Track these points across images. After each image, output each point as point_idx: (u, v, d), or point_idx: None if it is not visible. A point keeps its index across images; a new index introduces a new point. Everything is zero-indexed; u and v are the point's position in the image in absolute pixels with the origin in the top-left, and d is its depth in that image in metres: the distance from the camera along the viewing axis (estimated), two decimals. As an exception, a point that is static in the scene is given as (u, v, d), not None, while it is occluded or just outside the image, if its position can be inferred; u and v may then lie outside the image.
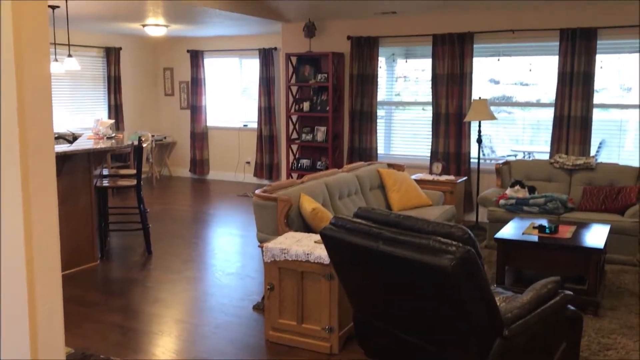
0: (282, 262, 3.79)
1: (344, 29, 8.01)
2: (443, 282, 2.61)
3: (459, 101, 7.28)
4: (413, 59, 7.98)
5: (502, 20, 6.98)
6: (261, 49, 9.46)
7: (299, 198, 4.51)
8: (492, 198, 6.08)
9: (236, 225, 7.22)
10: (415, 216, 3.03)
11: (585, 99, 6.57)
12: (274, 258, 3.81)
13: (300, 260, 3.73)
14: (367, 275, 3.07)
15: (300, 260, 3.73)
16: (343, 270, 3.22)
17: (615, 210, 5.64)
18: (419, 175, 7.07)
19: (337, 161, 8.22)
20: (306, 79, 8.22)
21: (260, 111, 9.61)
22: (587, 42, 6.49)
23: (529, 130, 7.90)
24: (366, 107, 7.93)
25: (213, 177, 10.46)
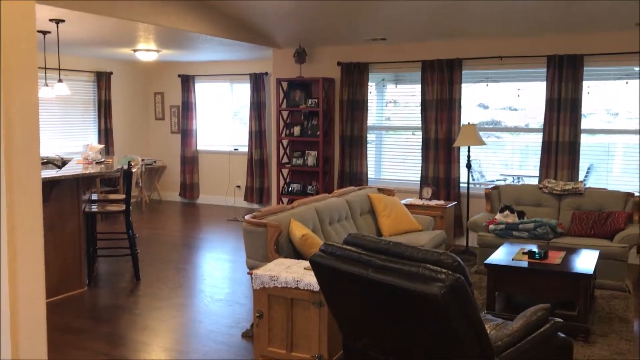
0: (271, 289, 3.76)
1: (334, 55, 8.09)
2: (433, 310, 2.60)
3: (448, 126, 7.33)
4: (403, 84, 8.05)
5: (490, 47, 7.07)
6: (252, 73, 9.51)
7: (289, 224, 4.49)
8: (481, 223, 6.09)
9: (226, 250, 7.17)
10: (405, 243, 3.02)
11: (572, 124, 6.64)
12: (263, 285, 3.78)
13: (290, 287, 3.70)
14: (357, 302, 3.05)
15: (289, 287, 3.70)
16: (333, 298, 3.20)
17: (604, 235, 5.66)
18: (409, 200, 7.08)
19: (328, 186, 8.23)
20: (297, 104, 8.26)
21: (251, 135, 9.63)
22: (573, 69, 6.58)
23: (518, 154, 7.96)
24: (356, 132, 7.96)
25: (203, 201, 10.43)
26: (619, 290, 5.34)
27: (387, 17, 6.82)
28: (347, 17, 6.94)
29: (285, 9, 6.82)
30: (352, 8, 6.67)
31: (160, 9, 6.13)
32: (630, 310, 4.90)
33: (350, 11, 6.76)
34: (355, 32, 7.44)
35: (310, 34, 7.71)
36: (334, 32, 7.56)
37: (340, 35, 7.61)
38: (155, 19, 6.09)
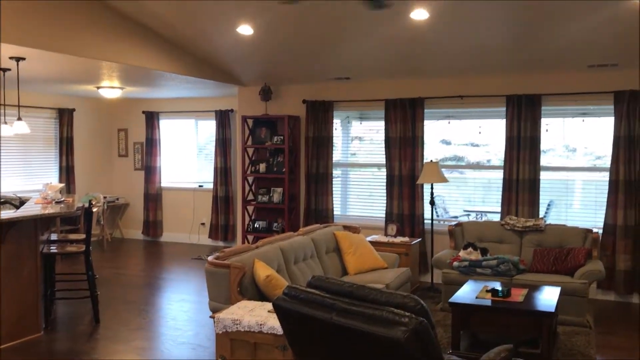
0: (234, 333, 3.70)
1: (299, 93, 8.16)
2: (397, 354, 2.58)
3: (411, 163, 7.42)
4: (367, 121, 8.15)
5: (451, 87, 7.24)
6: (218, 110, 9.52)
7: (253, 264, 4.44)
8: (446, 260, 6.13)
9: (189, 291, 7.04)
10: (368, 286, 3.02)
11: (532, 162, 6.80)
12: (225, 329, 3.71)
13: (253, 331, 3.64)
14: (322, 346, 3.01)
15: (253, 331, 3.64)
16: (297, 342, 3.15)
17: (565, 271, 5.75)
18: (375, 237, 7.10)
19: (294, 223, 8.20)
20: (262, 141, 8.27)
21: (216, 172, 9.57)
22: (532, 108, 6.77)
23: (480, 190, 8.09)
24: (322, 169, 8.00)
25: (166, 239, 10.26)
26: (580, 326, 5.41)
27: (350, 57, 6.95)
28: (311, 56, 7.05)
29: (251, 48, 6.89)
30: (316, 48, 6.78)
31: (125, 47, 6.12)
32: (592, 346, 4.96)
33: (314, 51, 6.87)
34: (319, 71, 7.55)
35: (276, 72, 7.78)
36: (299, 71, 7.65)
37: (306, 73, 7.71)
38: (119, 58, 6.07)
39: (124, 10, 5.99)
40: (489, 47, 6.23)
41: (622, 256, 6.37)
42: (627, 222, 6.35)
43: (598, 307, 6.28)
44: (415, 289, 6.78)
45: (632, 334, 5.40)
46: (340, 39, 6.44)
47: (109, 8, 5.87)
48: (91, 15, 5.69)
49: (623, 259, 6.36)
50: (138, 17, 6.15)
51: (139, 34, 6.31)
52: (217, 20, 6.21)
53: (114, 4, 5.85)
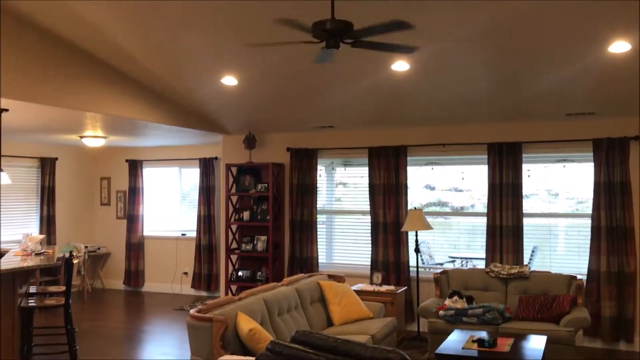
0: (216, 389, 3.59)
1: (283, 141, 8.21)
2: (382, 413, 2.53)
3: (395, 210, 7.43)
4: (351, 167, 8.18)
5: (433, 135, 7.34)
6: (201, 158, 9.53)
7: (236, 317, 4.36)
8: (431, 309, 6.08)
9: (171, 344, 6.88)
10: (353, 340, 2.98)
11: (515, 208, 6.84)
12: (208, 386, 3.61)
13: (236, 387, 3.54)
14: (305, 404, 2.94)
15: (235, 387, 3.54)
16: (280, 399, 3.07)
17: (550, 319, 5.73)
18: (360, 286, 7.04)
19: (278, 271, 8.12)
20: (246, 189, 8.26)
21: (199, 220, 9.51)
22: (513, 155, 6.86)
23: (465, 235, 8.11)
24: (306, 216, 7.98)
25: (148, 289, 10.08)
26: (568, 375, 5.35)
27: (333, 106, 7.04)
28: (295, 105, 7.13)
29: (235, 97, 6.96)
30: (300, 97, 6.87)
31: (109, 98, 6.15)
32: (581, 396, 4.90)
33: (298, 100, 6.95)
34: (303, 120, 7.62)
35: (260, 120, 7.85)
36: (283, 120, 7.72)
37: (289, 122, 7.78)
38: (104, 109, 6.09)
39: (107, 61, 6.04)
40: (469, 96, 6.35)
41: (607, 303, 6.36)
42: (611, 269, 6.37)
43: (585, 354, 6.24)
44: (401, 338, 6.69)
45: (620, 382, 5.36)
46: (323, 89, 6.53)
47: (93, 59, 5.92)
48: (75, 66, 5.73)
49: (608, 305, 6.36)
50: (122, 68, 6.21)
51: (123, 84, 6.35)
52: (201, 71, 6.29)
53: (98, 55, 5.90)
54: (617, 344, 6.46)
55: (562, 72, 5.52)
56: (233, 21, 5.01)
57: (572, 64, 5.34)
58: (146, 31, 5.41)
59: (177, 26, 5.25)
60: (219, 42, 5.49)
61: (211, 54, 5.84)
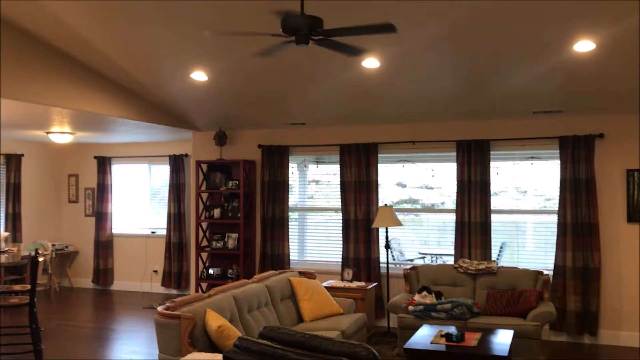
0: (184, 387, 3.57)
1: (254, 138, 8.18)
2: (349, 407, 2.54)
3: (366, 207, 7.47)
4: (324, 164, 8.18)
5: (404, 132, 7.39)
6: (171, 155, 9.43)
7: (205, 314, 4.33)
8: (401, 304, 6.12)
9: (139, 342, 6.80)
10: (320, 335, 2.98)
11: (483, 205, 6.94)
12: (175, 383, 3.58)
13: (204, 384, 3.52)
14: (273, 400, 2.93)
15: (203, 384, 3.52)
16: (248, 395, 3.06)
17: (517, 313, 5.82)
18: (331, 282, 7.06)
19: (249, 269, 8.08)
20: (217, 186, 8.21)
21: (169, 217, 9.41)
22: (481, 153, 6.95)
23: (435, 232, 8.18)
24: (278, 213, 7.96)
25: (118, 287, 9.95)
26: (533, 368, 5.45)
27: (305, 103, 7.03)
28: (266, 102, 7.11)
29: (205, 93, 6.90)
30: (271, 94, 6.84)
31: (75, 92, 6.04)
32: (546, 388, 4.99)
33: (269, 97, 6.93)
34: (275, 117, 7.60)
35: (231, 117, 7.80)
36: (255, 116, 7.69)
37: (261, 119, 7.75)
38: (69, 103, 5.98)
39: (74, 56, 5.94)
40: (438, 94, 6.41)
41: (572, 297, 6.49)
42: (576, 264, 6.50)
43: (551, 348, 6.36)
44: (371, 334, 6.73)
45: (584, 375, 5.48)
46: (294, 86, 6.52)
47: (59, 53, 5.82)
48: (41, 60, 5.62)
49: (573, 300, 6.49)
50: (89, 62, 6.11)
51: (90, 79, 6.25)
52: (170, 66, 6.22)
53: (65, 49, 5.80)
54: (581, 337, 6.60)
55: (529, 70, 5.61)
56: (202, 16, 4.97)
57: (539, 62, 5.43)
58: (114, 25, 5.33)
59: (145, 20, 5.18)
60: (188, 36, 5.44)
61: (180, 49, 5.78)
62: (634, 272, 6.45)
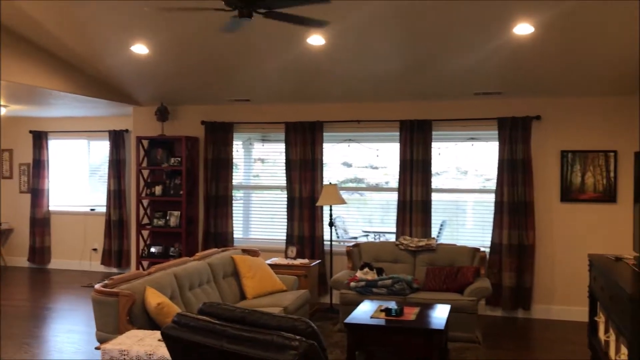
0: (121, 364, 3.51)
1: (197, 114, 8.03)
2: (287, 380, 2.55)
3: (311, 185, 7.49)
4: (269, 143, 8.12)
5: (349, 111, 7.42)
6: (111, 130, 9.16)
7: (144, 292, 4.27)
8: (343, 281, 6.20)
9: (78, 321, 6.64)
10: (260, 310, 2.98)
11: (424, 184, 7.07)
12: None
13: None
14: (212, 375, 2.93)
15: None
16: (187, 372, 3.04)
17: (455, 289, 5.99)
18: (274, 260, 7.07)
19: (192, 247, 7.99)
20: (159, 163, 8.04)
21: (109, 195, 9.17)
22: (423, 132, 7.06)
23: (379, 210, 8.29)
24: (222, 191, 7.88)
25: (55, 266, 9.66)
26: (470, 342, 5.64)
27: (249, 79, 6.95)
28: (210, 77, 6.98)
29: (146, 67, 6.72)
30: (214, 69, 6.72)
31: (7, 63, 5.76)
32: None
33: (212, 72, 6.80)
34: (218, 92, 7.48)
35: (173, 92, 7.63)
36: (197, 91, 7.54)
37: (204, 94, 7.61)
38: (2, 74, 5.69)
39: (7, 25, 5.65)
40: (382, 74, 6.45)
41: (507, 274, 6.73)
42: (511, 241, 6.73)
43: (486, 322, 6.59)
44: (314, 310, 6.80)
45: (516, 347, 5.71)
46: (238, 61, 6.43)
47: (-11, 21, 5.53)
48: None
49: (508, 276, 6.73)
50: (22, 32, 5.83)
51: (24, 49, 5.97)
52: (109, 38, 6.01)
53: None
54: (516, 312, 6.87)
55: (471, 52, 5.71)
56: (143, -14, 4.81)
57: (480, 44, 5.53)
58: (48, -8, 5.10)
59: (82, -12, 4.98)
60: (127, 7, 5.26)
61: (120, 20, 5.59)
62: (565, 249, 6.74)
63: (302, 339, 2.58)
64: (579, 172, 6.67)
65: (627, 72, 5.89)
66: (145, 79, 7.20)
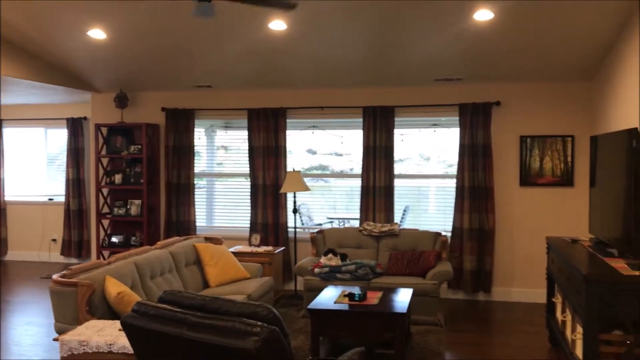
0: (81, 355, 3.45)
1: (158, 100, 7.89)
2: (249, 366, 2.55)
3: (275, 172, 7.45)
4: (232, 130, 8.04)
5: (312, 97, 7.39)
6: (69, 118, 8.94)
7: (104, 281, 4.19)
8: (307, 267, 6.21)
9: (36, 313, 6.49)
10: (222, 297, 2.95)
11: (387, 170, 7.12)
12: (71, 352, 3.45)
13: (102, 352, 3.42)
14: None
15: (102, 351, 3.42)
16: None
17: (417, 273, 6.07)
18: (238, 248, 7.03)
19: (153, 236, 7.88)
20: (118, 151, 7.88)
21: (68, 184, 8.97)
22: (386, 119, 7.09)
23: (344, 197, 8.32)
24: (183, 179, 7.78)
25: (12, 257, 9.41)
26: (432, 324, 5.73)
27: (211, 65, 6.85)
28: (169, 63, 6.85)
29: (104, 52, 6.55)
30: (174, 54, 6.60)
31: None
32: (442, 343, 5.27)
33: (172, 57, 6.68)
34: (179, 78, 7.35)
35: (132, 78, 7.47)
36: (157, 78, 7.40)
37: (164, 80, 7.47)
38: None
39: (-46, 7, 5.44)
40: (345, 60, 6.44)
41: (468, 257, 6.85)
42: (472, 226, 6.84)
43: (448, 305, 6.70)
44: (279, 297, 6.80)
45: (477, 330, 5.82)
46: (199, 46, 6.32)
47: None
48: None
49: (469, 259, 6.85)
50: (-28, 15, 5.62)
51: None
52: (64, 23, 5.83)
53: (-59, -1, 5.29)
54: (476, 294, 7.00)
55: (432, 38, 5.74)
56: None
57: (441, 30, 5.56)
58: (-2, -26, 4.91)
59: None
60: (83, -10, 5.11)
61: (75, 4, 5.42)
62: (524, 232, 6.89)
63: (263, 325, 2.57)
64: (537, 157, 6.80)
65: (584, 58, 6.02)
66: (103, 65, 7.03)
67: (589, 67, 6.23)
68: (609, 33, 5.39)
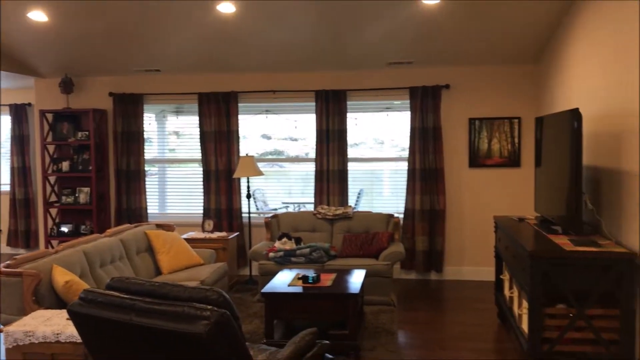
0: (27, 346, 3.37)
1: (105, 85, 7.69)
2: (200, 349, 2.54)
3: (227, 157, 7.39)
4: (184, 115, 7.91)
5: (264, 81, 7.34)
6: (12, 104, 8.62)
7: (51, 270, 4.09)
8: (262, 252, 6.21)
9: (-18, 305, 6.28)
10: (171, 283, 2.93)
11: (341, 153, 7.15)
12: (16, 343, 3.37)
13: (50, 342, 3.35)
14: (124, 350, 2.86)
15: (49, 341, 3.35)
16: (97, 348, 2.96)
17: (371, 254, 6.14)
18: (191, 234, 6.96)
19: (104, 224, 7.72)
20: (65, 137, 7.66)
21: (13, 172, 8.67)
22: (338, 103, 7.11)
23: (299, 182, 8.32)
24: (133, 166, 7.62)
25: (-45, 250, 9.08)
26: (385, 304, 5.82)
27: (159, 48, 6.71)
28: (116, 46, 6.68)
29: (47, 35, 6.33)
30: (121, 38, 6.44)
31: None
32: (395, 322, 5.37)
33: (119, 41, 6.52)
34: (127, 62, 7.18)
35: (78, 63, 7.25)
36: (104, 62, 7.20)
37: (111, 64, 7.28)
38: None
39: None
40: (296, 44, 6.40)
41: (420, 238, 6.97)
42: (423, 207, 6.96)
43: (401, 286, 6.82)
44: (233, 282, 6.78)
45: (429, 308, 5.95)
46: (146, 29, 6.18)
47: None
48: None
49: (421, 240, 6.97)
50: None
51: None
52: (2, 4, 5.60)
53: None
54: (429, 274, 7.15)
55: (383, 22, 5.77)
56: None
57: (391, 14, 5.59)
58: None
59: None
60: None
61: (13, -16, 5.22)
62: (474, 213, 7.05)
63: (213, 309, 2.56)
64: (485, 139, 6.95)
65: (530, 42, 6.16)
66: (45, 49, 6.79)
67: (534, 50, 6.38)
68: (552, 18, 5.53)
